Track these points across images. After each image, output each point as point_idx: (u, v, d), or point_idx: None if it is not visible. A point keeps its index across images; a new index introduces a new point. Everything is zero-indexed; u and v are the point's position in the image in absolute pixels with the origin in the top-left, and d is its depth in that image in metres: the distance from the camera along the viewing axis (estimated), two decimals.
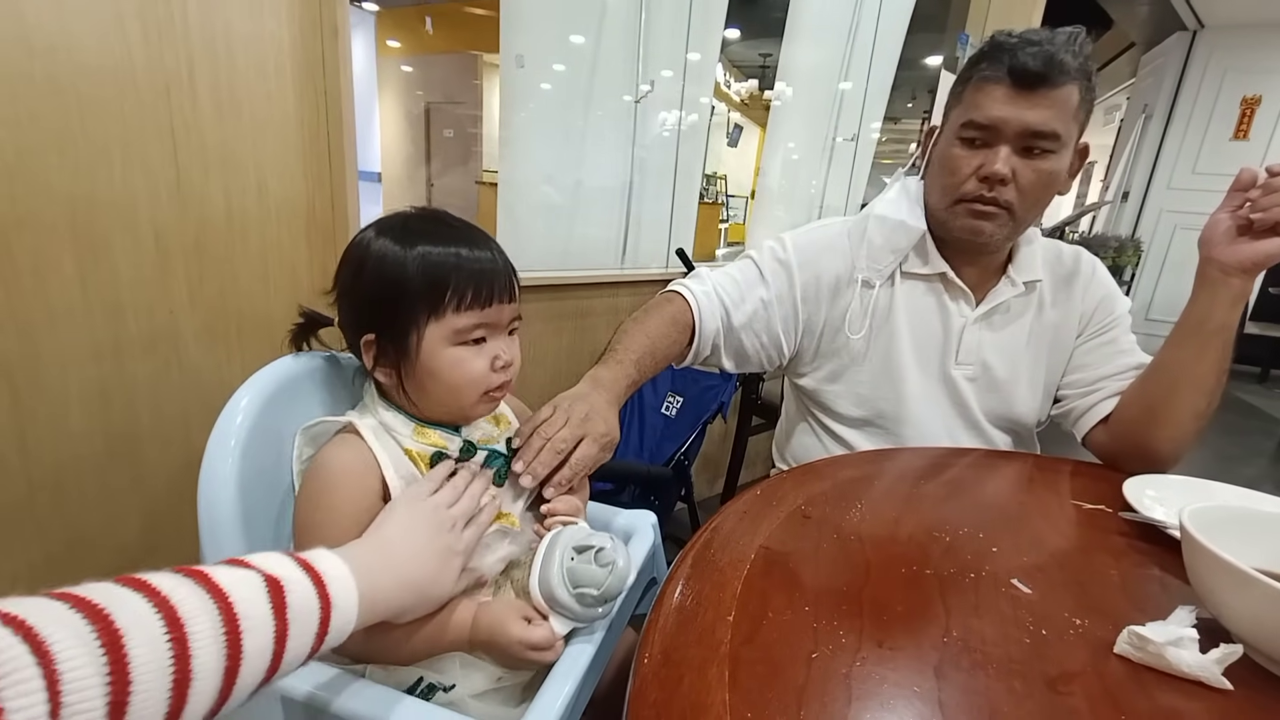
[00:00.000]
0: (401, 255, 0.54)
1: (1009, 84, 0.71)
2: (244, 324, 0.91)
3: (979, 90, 0.73)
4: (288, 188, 0.91)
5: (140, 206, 0.78)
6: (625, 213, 1.64)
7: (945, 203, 0.79)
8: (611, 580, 0.50)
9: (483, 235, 0.58)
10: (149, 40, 0.75)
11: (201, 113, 0.81)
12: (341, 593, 0.38)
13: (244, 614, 0.32)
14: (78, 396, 0.77)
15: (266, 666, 0.33)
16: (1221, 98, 4.44)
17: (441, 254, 0.54)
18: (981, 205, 0.75)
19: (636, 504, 1.31)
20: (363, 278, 0.56)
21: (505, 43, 1.30)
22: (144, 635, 0.28)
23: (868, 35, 2.19)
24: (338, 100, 0.92)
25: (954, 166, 0.76)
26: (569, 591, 0.50)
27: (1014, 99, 0.71)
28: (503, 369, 0.58)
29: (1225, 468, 2.69)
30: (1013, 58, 0.70)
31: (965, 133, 0.75)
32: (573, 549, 0.52)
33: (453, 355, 0.55)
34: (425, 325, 0.54)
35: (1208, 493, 0.66)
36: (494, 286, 0.56)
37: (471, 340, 0.56)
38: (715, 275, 0.88)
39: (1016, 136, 0.72)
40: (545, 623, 0.51)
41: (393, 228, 0.56)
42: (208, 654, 0.30)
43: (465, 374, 0.56)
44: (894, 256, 0.84)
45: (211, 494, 0.48)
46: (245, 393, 0.54)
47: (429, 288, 0.54)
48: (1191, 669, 0.40)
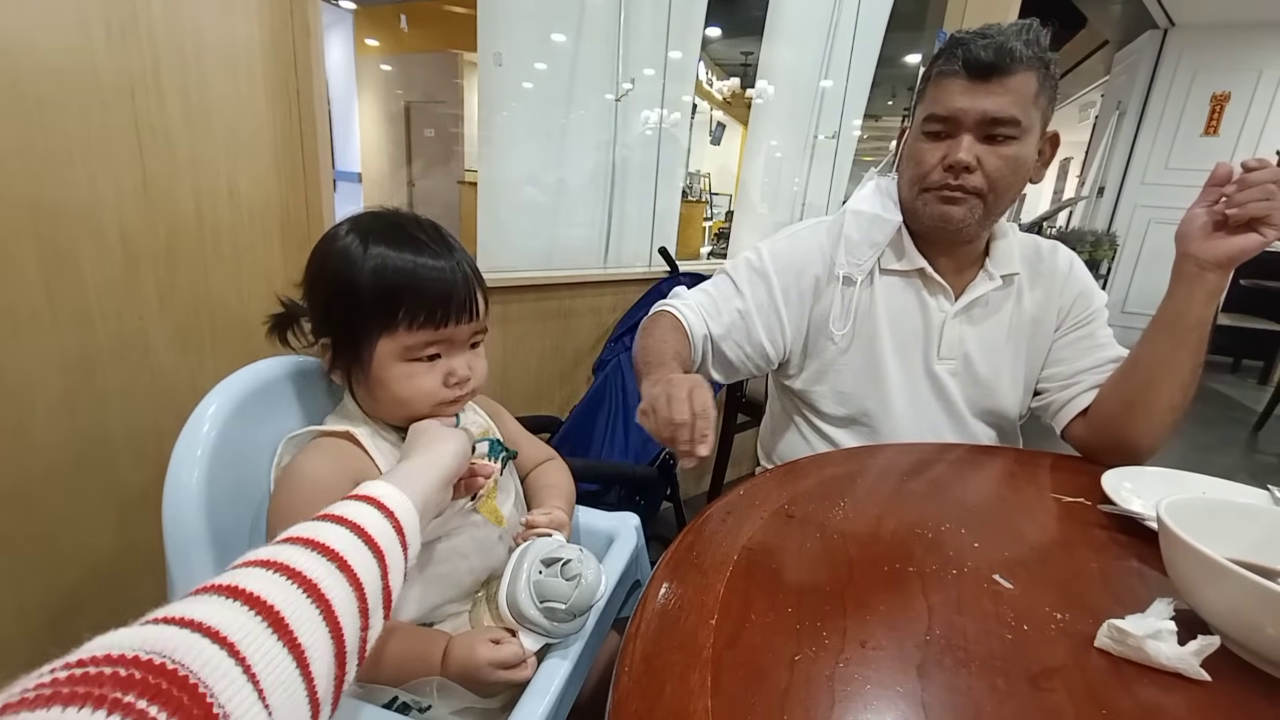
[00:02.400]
0: (358, 261, 0.53)
1: (965, 76, 0.73)
2: (217, 329, 0.89)
3: (938, 85, 0.76)
4: (260, 190, 0.90)
5: (106, 210, 0.76)
6: (608, 212, 1.64)
7: (913, 193, 0.81)
8: (578, 594, 0.49)
9: (447, 245, 0.57)
10: (112, 41, 0.73)
11: (169, 115, 0.79)
12: (401, 507, 0.41)
13: (343, 550, 0.35)
14: (44, 407, 0.75)
15: (381, 590, 0.36)
16: (1192, 95, 4.53)
17: (398, 265, 0.53)
18: (949, 192, 0.77)
19: (622, 505, 1.30)
20: (322, 278, 0.55)
21: (483, 41, 1.29)
22: (292, 602, 0.30)
23: (847, 33, 2.20)
24: (310, 101, 0.91)
25: (920, 158, 0.79)
26: (536, 606, 0.49)
27: (970, 90, 0.73)
28: (457, 385, 0.57)
29: (1200, 457, 2.74)
30: (967, 50, 0.72)
31: (928, 126, 0.77)
32: (540, 562, 0.51)
33: (403, 370, 0.54)
34: (377, 338, 0.53)
35: (1185, 484, 0.67)
36: (449, 305, 0.54)
37: (424, 357, 0.55)
38: (693, 293, 0.89)
39: (976, 125, 0.74)
40: (514, 640, 0.50)
41: (358, 228, 0.55)
42: (341, 594, 0.33)
43: (415, 389, 0.55)
44: (872, 251, 0.85)
45: (177, 506, 0.47)
46: (213, 400, 0.52)
47: (382, 300, 0.52)
48: (1170, 661, 0.40)
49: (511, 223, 1.44)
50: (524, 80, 1.41)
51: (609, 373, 1.52)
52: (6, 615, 0.77)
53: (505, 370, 1.42)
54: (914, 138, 0.80)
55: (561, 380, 1.56)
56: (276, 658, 0.28)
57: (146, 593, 0.87)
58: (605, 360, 1.55)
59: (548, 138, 1.48)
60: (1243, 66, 4.36)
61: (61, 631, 0.81)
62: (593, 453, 1.46)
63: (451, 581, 0.57)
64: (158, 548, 0.88)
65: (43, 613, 0.80)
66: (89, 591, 0.83)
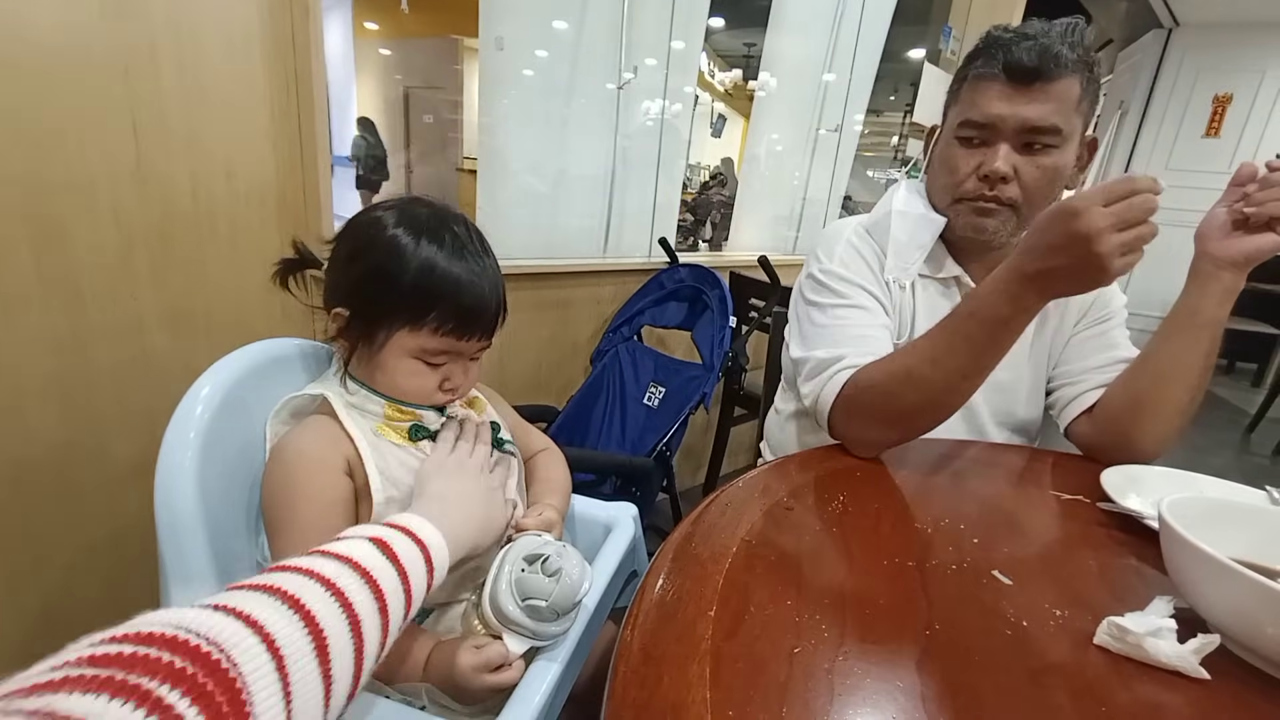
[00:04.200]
0: (407, 254, 0.54)
1: (1005, 80, 0.70)
2: (213, 311, 0.88)
3: (974, 88, 0.72)
4: (257, 171, 0.88)
5: (100, 189, 0.75)
6: (608, 201, 1.62)
7: (946, 202, 0.78)
8: (559, 591, 0.48)
9: (488, 260, 0.58)
10: (106, 17, 0.72)
11: (164, 93, 0.78)
12: (431, 536, 0.43)
13: (370, 566, 0.37)
14: (36, 390, 0.74)
15: (404, 604, 0.38)
16: (1195, 95, 4.52)
17: (444, 272, 0.54)
18: (984, 203, 0.74)
19: (618, 496, 1.30)
20: (362, 257, 0.55)
21: (485, 25, 1.27)
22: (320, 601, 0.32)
23: (852, 27, 2.19)
24: (309, 82, 0.89)
25: (953, 166, 0.75)
26: (517, 604, 0.48)
27: (1010, 95, 0.70)
28: (449, 390, 0.60)
29: (1194, 458, 2.76)
30: (1007, 53, 0.69)
31: (963, 132, 0.74)
32: (523, 559, 0.50)
33: (408, 365, 0.56)
34: (397, 329, 0.55)
35: (1184, 483, 0.67)
36: (476, 323, 0.57)
37: (433, 361, 0.57)
38: (838, 349, 0.75)
39: (1015, 133, 0.71)
40: (498, 642, 0.49)
41: (409, 221, 0.55)
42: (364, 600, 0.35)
43: (411, 384, 0.57)
44: (920, 252, 0.81)
45: (169, 489, 0.46)
46: (206, 381, 0.51)
47: (419, 299, 0.54)
48: (1170, 659, 0.40)
49: (511, 211, 1.43)
50: (525, 67, 1.39)
51: (607, 363, 1.52)
52: (1, 594, 0.76)
53: (503, 359, 1.41)
54: (946, 142, 0.77)
55: (559, 370, 1.55)
56: (311, 682, 0.29)
57: (138, 575, 0.86)
58: (603, 350, 1.55)
59: (548, 126, 1.47)
60: (1246, 68, 4.35)
61: (53, 612, 0.81)
62: (589, 443, 1.46)
63: None
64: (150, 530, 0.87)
65: (34, 593, 0.79)
66: (80, 572, 0.82)
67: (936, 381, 0.66)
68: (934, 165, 0.80)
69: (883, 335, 0.78)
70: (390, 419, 0.57)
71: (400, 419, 0.58)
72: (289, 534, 0.50)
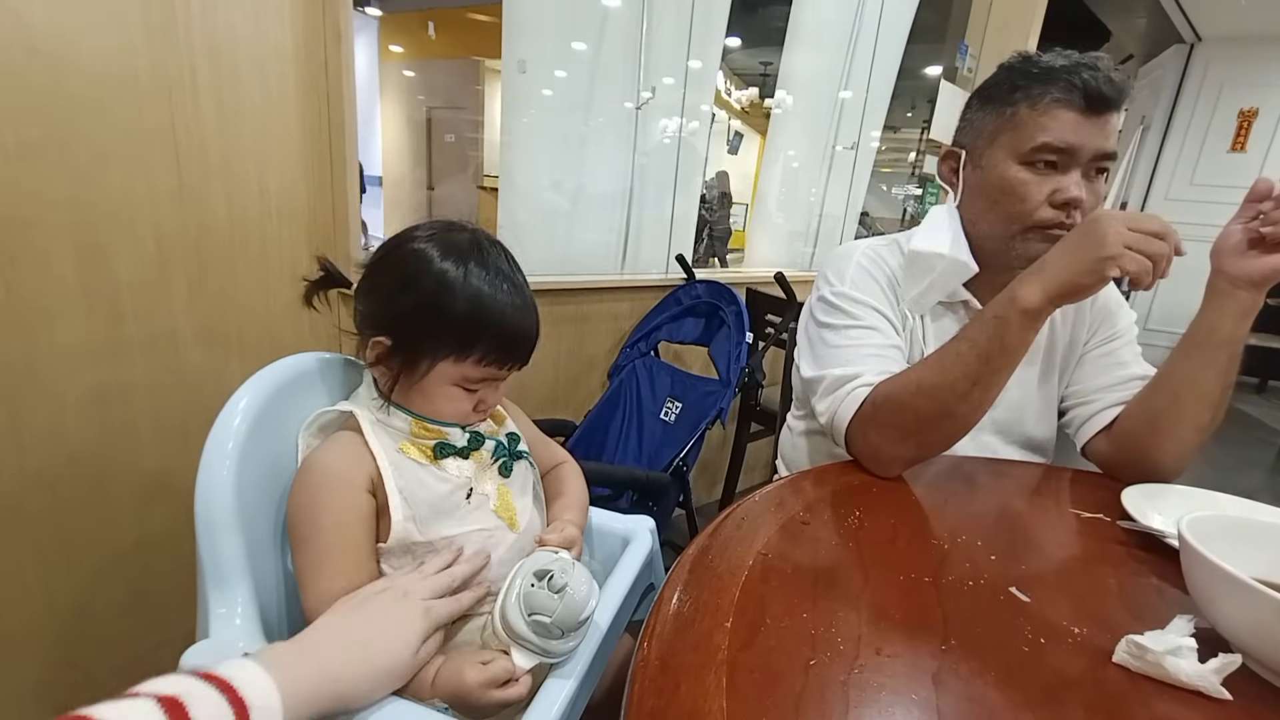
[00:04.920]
0: (455, 287, 0.55)
1: (1081, 107, 0.69)
2: (244, 326, 0.91)
3: (1048, 113, 0.71)
4: (289, 191, 0.92)
5: (141, 209, 0.78)
6: (625, 218, 1.65)
7: (1012, 230, 0.75)
8: (563, 608, 0.47)
9: (528, 291, 0.61)
10: (152, 44, 0.76)
11: (204, 116, 0.81)
12: (258, 694, 0.35)
13: None
14: (75, 398, 0.77)
15: None
16: (1219, 110, 4.48)
17: (493, 306, 0.56)
18: (1057, 230, 0.73)
19: (634, 510, 1.30)
20: (410, 291, 0.55)
21: (508, 48, 1.31)
22: None
23: (868, 44, 2.21)
24: (340, 105, 0.93)
25: (1024, 193, 0.73)
26: (524, 619, 0.48)
27: (1083, 123, 0.70)
28: (481, 411, 0.62)
29: (1222, 478, 2.69)
30: (1083, 81, 0.69)
31: (1037, 156, 0.72)
32: (533, 574, 0.50)
33: (449, 392, 0.58)
34: (441, 359, 0.56)
35: (1206, 502, 0.66)
36: (517, 354, 0.59)
37: (471, 388, 0.59)
38: (853, 367, 0.76)
39: (1089, 160, 0.71)
40: (504, 658, 0.49)
41: (457, 253, 0.56)
42: None
43: (451, 409, 0.59)
44: (942, 294, 0.81)
45: (209, 494, 0.48)
46: (244, 394, 0.53)
47: (466, 332, 0.56)
48: (1190, 678, 0.40)
49: (531, 227, 1.45)
50: (546, 87, 1.43)
51: (624, 378, 1.53)
52: (32, 595, 0.79)
53: (522, 373, 1.43)
54: (1006, 166, 0.74)
55: (577, 384, 1.57)
56: None
57: (163, 581, 0.89)
58: (620, 365, 1.56)
59: (567, 144, 1.50)
60: (1272, 82, 4.29)
61: (83, 613, 0.83)
62: (606, 457, 1.47)
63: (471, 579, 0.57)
64: (176, 538, 0.90)
65: (66, 594, 0.82)
66: (109, 577, 0.85)
67: (944, 388, 0.66)
68: (988, 191, 0.76)
69: (895, 355, 0.79)
70: (416, 436, 0.58)
71: (426, 436, 0.59)
72: (310, 548, 0.52)
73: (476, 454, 0.61)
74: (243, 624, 0.47)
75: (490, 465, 0.62)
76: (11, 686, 0.79)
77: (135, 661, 0.89)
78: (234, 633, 0.47)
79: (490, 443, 0.63)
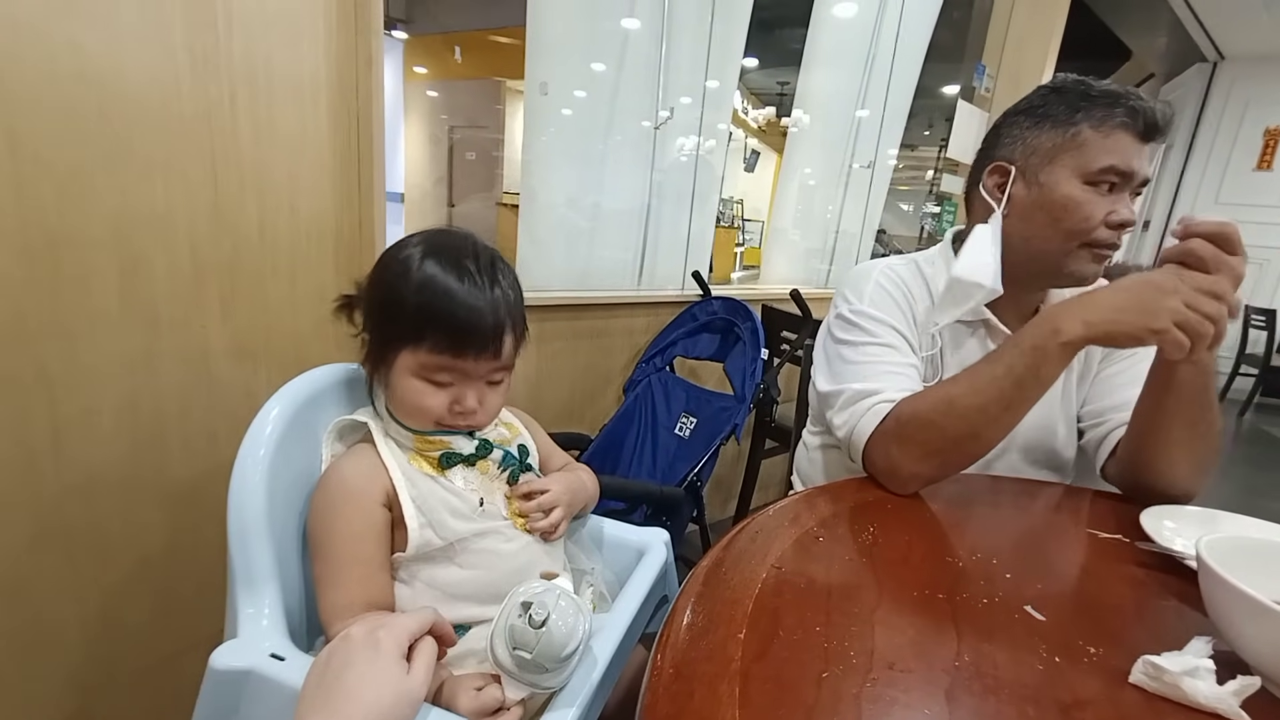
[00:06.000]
0: (410, 274, 0.56)
1: (1140, 132, 0.72)
2: (271, 338, 0.93)
3: (1112, 136, 0.72)
4: (318, 208, 0.95)
5: (179, 224, 0.82)
6: (643, 235, 1.67)
7: (1069, 247, 0.75)
8: (541, 646, 0.46)
9: (494, 279, 0.58)
10: (195, 70, 0.79)
11: (240, 136, 0.85)
12: None
13: None
14: (111, 404, 0.80)
15: None
16: (1244, 128, 4.43)
17: (437, 286, 0.55)
18: (1107, 250, 0.75)
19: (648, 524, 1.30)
20: (377, 280, 0.59)
21: (530, 70, 1.35)
22: None
23: (885, 64, 2.23)
24: (369, 126, 0.96)
25: (1087, 212, 0.73)
26: (509, 652, 0.47)
27: (1138, 149, 0.72)
28: (460, 414, 0.59)
29: (1251, 501, 2.62)
30: (1145, 109, 0.71)
31: (1103, 177, 0.73)
32: (520, 605, 0.48)
33: (415, 385, 0.57)
34: (401, 349, 0.57)
35: (1226, 524, 0.65)
36: (471, 339, 0.56)
37: (436, 380, 0.57)
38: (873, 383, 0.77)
39: (1138, 185, 0.74)
40: (495, 686, 0.49)
41: (424, 243, 0.59)
42: None
43: (420, 405, 0.58)
44: (963, 313, 0.81)
45: (241, 500, 0.50)
46: (276, 403, 0.56)
47: (414, 316, 0.55)
48: (1208, 700, 0.40)
49: (550, 243, 1.48)
50: (566, 107, 1.46)
51: (639, 393, 1.54)
52: (63, 599, 0.81)
53: (538, 387, 1.45)
54: (1071, 186, 0.74)
55: (593, 399, 1.58)
56: None
57: (189, 586, 0.91)
58: (636, 380, 1.57)
59: (586, 162, 1.53)
60: None
61: (110, 617, 0.85)
62: (621, 471, 1.47)
63: (486, 581, 0.59)
64: (203, 544, 0.92)
65: (94, 598, 0.84)
66: (137, 582, 0.87)
67: (976, 410, 0.67)
68: (1045, 208, 0.76)
69: (913, 373, 0.79)
70: (420, 449, 0.60)
71: (429, 449, 0.60)
72: (325, 559, 0.54)
73: (483, 463, 0.62)
74: (269, 624, 0.49)
75: (499, 475, 0.63)
76: (41, 687, 0.81)
77: (162, 663, 0.91)
78: (261, 633, 0.48)
79: (498, 452, 0.63)
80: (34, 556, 0.78)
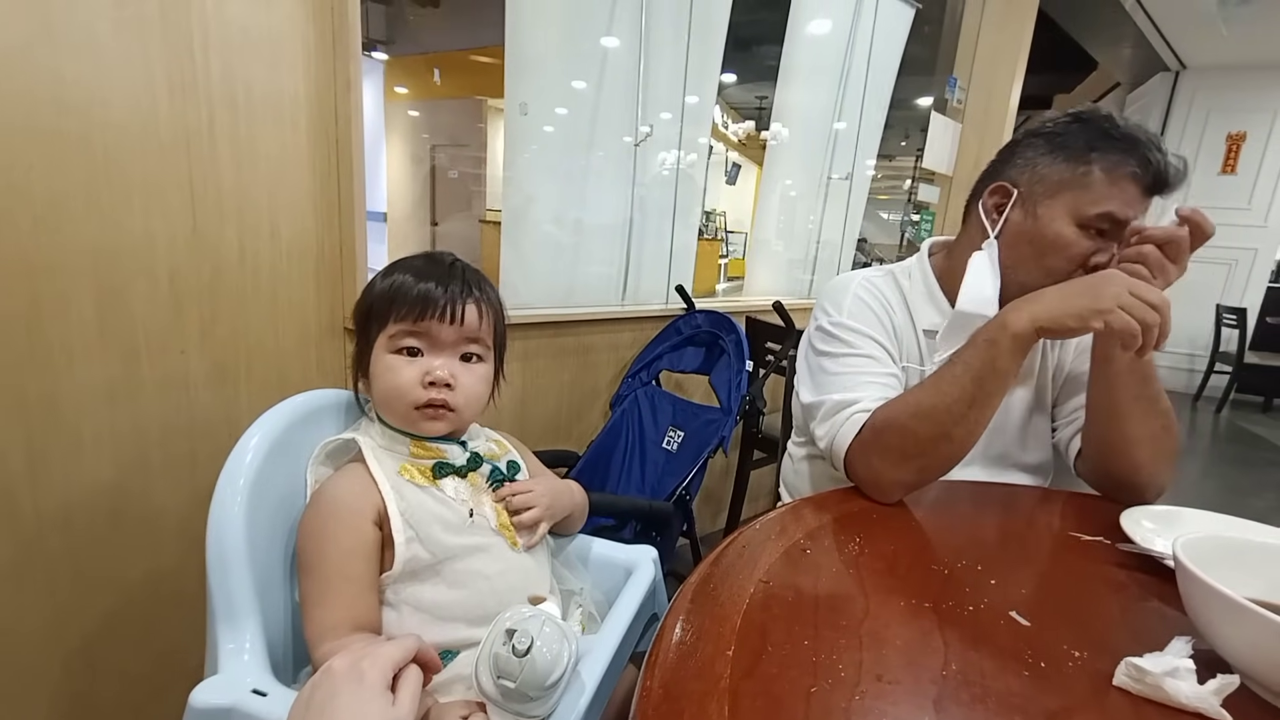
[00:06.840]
0: (382, 277, 0.62)
1: (1148, 185, 0.71)
2: (253, 362, 0.93)
3: (1116, 183, 0.71)
4: (298, 229, 0.95)
5: (158, 252, 0.81)
6: (626, 250, 1.68)
7: (1045, 283, 0.73)
8: (524, 675, 0.45)
9: (460, 270, 0.63)
10: (174, 97, 0.79)
11: (220, 162, 0.85)
12: None
13: None
14: (91, 436, 0.79)
15: None
16: (1208, 134, 4.56)
17: (406, 272, 0.61)
18: None
19: (638, 540, 1.30)
20: (361, 298, 0.63)
21: (510, 90, 1.36)
22: None
23: (859, 78, 2.27)
24: (349, 147, 0.96)
25: (1072, 254, 0.73)
26: (493, 681, 0.47)
27: (1139, 201, 0.71)
28: (433, 385, 0.59)
29: (1234, 500, 2.66)
30: (1160, 162, 0.70)
31: (1098, 223, 0.72)
32: (504, 632, 0.47)
33: (387, 361, 0.60)
34: (377, 335, 0.60)
35: (1206, 523, 0.67)
36: (430, 304, 0.59)
37: (405, 350, 0.60)
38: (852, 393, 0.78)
39: (1126, 235, 0.72)
40: (481, 714, 0.49)
41: (400, 261, 0.63)
42: None
43: (394, 380, 0.59)
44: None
45: (220, 531, 0.49)
46: (255, 431, 0.55)
47: (382, 299, 0.60)
48: (1190, 700, 0.40)
49: (533, 260, 1.48)
50: (547, 125, 1.47)
51: (626, 408, 1.54)
52: (45, 630, 0.79)
53: (524, 404, 1.45)
54: (1064, 224, 0.73)
55: (579, 415, 1.58)
56: None
57: (173, 616, 0.89)
58: (622, 396, 1.57)
59: (568, 179, 1.54)
60: (1258, 107, 4.39)
61: (92, 650, 0.83)
62: (609, 486, 1.47)
63: (474, 603, 0.58)
64: (187, 572, 0.90)
65: (77, 632, 0.82)
66: (119, 614, 0.85)
67: (941, 410, 0.68)
68: (1034, 241, 0.75)
69: (893, 382, 0.80)
70: (415, 456, 0.60)
71: (424, 456, 0.60)
72: (314, 576, 0.53)
73: (474, 475, 0.63)
74: (251, 659, 0.48)
75: (487, 489, 0.64)
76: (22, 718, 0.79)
77: (144, 699, 0.89)
78: (243, 668, 0.47)
79: (487, 466, 0.64)
80: (12, 586, 0.76)
